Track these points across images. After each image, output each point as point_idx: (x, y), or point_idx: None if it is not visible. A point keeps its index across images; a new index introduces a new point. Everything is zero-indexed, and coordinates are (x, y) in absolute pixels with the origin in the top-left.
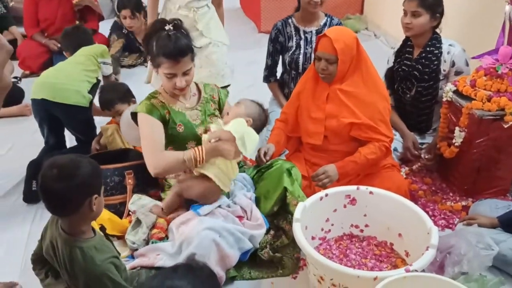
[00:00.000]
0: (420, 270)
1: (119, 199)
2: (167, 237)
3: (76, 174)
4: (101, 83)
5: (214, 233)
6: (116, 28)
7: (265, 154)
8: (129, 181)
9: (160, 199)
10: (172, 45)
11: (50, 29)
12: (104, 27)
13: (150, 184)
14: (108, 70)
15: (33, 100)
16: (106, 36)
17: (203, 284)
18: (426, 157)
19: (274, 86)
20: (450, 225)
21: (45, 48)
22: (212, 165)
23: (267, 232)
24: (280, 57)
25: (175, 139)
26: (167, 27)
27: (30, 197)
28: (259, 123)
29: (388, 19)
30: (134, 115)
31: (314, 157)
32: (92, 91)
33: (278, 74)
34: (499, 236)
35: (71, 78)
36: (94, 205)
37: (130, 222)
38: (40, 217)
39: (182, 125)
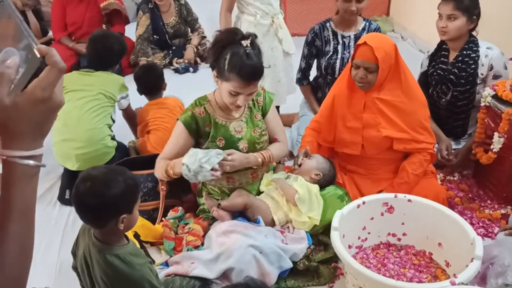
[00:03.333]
0: (466, 282)
1: (152, 205)
2: (202, 244)
3: (104, 193)
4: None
5: (255, 250)
6: (143, 1)
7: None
8: (162, 187)
9: (194, 205)
10: (250, 67)
11: (78, 33)
12: (130, 30)
13: (183, 190)
14: (126, 102)
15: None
16: (133, 40)
17: None
18: (451, 157)
19: (306, 90)
20: (489, 234)
21: (72, 51)
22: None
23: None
24: (315, 60)
25: None
26: (244, 43)
27: (63, 201)
28: (328, 179)
29: (415, 21)
30: None
31: (350, 164)
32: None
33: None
34: None
35: (93, 140)
36: (121, 224)
37: (163, 226)
38: (72, 222)
39: (223, 140)
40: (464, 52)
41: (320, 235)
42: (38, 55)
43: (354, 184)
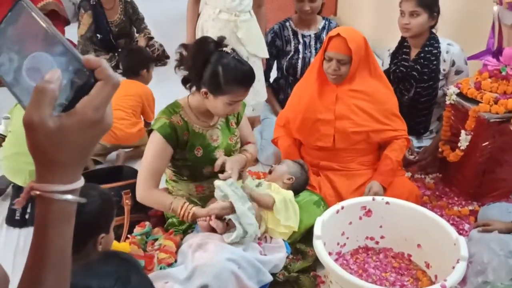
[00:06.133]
0: (455, 284)
1: (116, 221)
2: (175, 260)
3: (80, 210)
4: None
5: (234, 264)
6: None
7: None
8: (127, 202)
9: (161, 219)
10: (247, 72)
11: None
12: (72, 31)
13: None
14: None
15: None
16: (75, 42)
17: None
18: (418, 158)
19: (268, 92)
20: (460, 231)
21: None
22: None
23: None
24: (275, 61)
25: (192, 163)
26: (227, 50)
27: (13, 223)
28: (301, 182)
29: (362, 20)
30: (150, 132)
31: (323, 160)
32: None
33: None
34: None
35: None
36: (99, 245)
37: (130, 244)
38: (23, 245)
39: (201, 149)
40: (426, 49)
41: (297, 243)
42: (84, 68)
43: (329, 183)
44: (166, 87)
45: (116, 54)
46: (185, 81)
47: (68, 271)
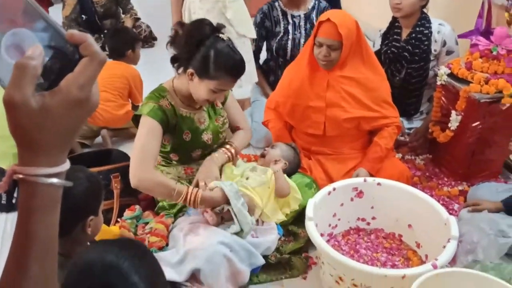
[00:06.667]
0: (446, 263)
1: (105, 205)
2: (167, 244)
3: (67, 192)
4: None
5: (226, 247)
6: None
7: None
8: (116, 185)
9: (151, 202)
10: (239, 63)
11: None
12: (56, 12)
13: None
14: None
15: None
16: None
17: None
18: (409, 140)
19: (258, 74)
20: (450, 211)
21: None
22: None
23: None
24: (265, 43)
25: (181, 148)
26: (223, 37)
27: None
28: (294, 166)
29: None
30: (136, 117)
31: (314, 146)
32: None
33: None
34: (506, 220)
35: None
36: (88, 228)
37: (120, 228)
38: (11, 230)
39: (189, 133)
40: (417, 29)
41: (289, 225)
42: (68, 44)
43: (320, 167)
44: (154, 69)
45: (101, 35)
46: (174, 60)
47: (55, 258)
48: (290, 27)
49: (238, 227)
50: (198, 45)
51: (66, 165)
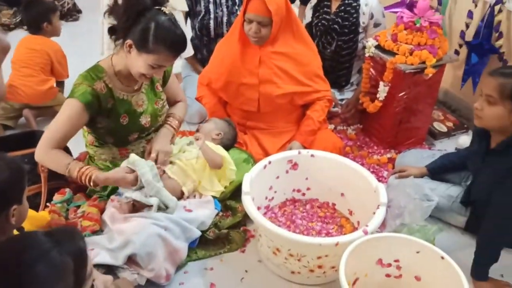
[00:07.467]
0: (376, 229)
1: (32, 189)
2: (101, 229)
3: None
4: None
5: (159, 228)
6: None
7: None
8: (43, 168)
9: (82, 185)
10: (180, 38)
11: None
12: None
13: None
14: None
15: None
16: None
17: None
18: (341, 111)
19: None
20: (380, 178)
21: None
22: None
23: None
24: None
25: (118, 131)
26: (165, 10)
27: None
28: (230, 137)
29: None
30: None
31: (249, 121)
32: None
33: None
34: (429, 184)
35: None
36: (12, 217)
37: (50, 213)
38: None
39: (126, 117)
40: (346, 2)
41: (227, 200)
42: None
43: (256, 141)
44: (78, 43)
45: (20, 8)
46: (111, 31)
47: None
48: (211, 6)
49: (156, 207)
50: (138, 15)
51: None
